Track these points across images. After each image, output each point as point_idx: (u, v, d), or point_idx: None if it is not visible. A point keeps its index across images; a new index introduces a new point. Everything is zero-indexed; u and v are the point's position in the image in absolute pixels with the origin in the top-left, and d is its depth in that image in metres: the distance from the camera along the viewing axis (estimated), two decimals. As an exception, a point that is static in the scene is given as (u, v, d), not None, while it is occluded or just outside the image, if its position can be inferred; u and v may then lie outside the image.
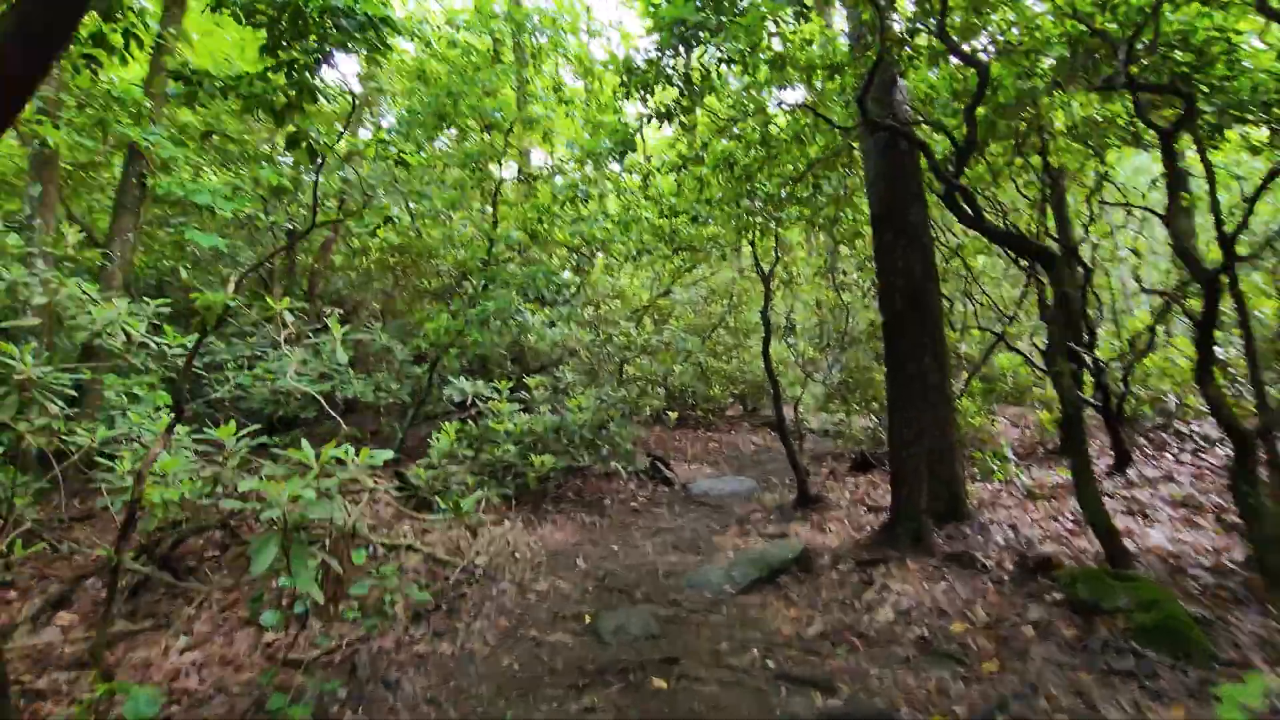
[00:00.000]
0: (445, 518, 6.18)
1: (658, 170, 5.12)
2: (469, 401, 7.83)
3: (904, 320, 5.55)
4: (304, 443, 3.36)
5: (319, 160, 4.32)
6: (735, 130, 5.33)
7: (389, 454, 3.62)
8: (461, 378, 8.03)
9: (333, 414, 10.07)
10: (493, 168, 7.18)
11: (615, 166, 6.69)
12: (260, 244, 10.36)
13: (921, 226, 5.67)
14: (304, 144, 3.99)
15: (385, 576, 4.32)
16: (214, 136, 8.59)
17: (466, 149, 6.06)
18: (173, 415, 3.98)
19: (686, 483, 8.86)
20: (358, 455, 3.49)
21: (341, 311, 11.54)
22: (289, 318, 4.87)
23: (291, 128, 4.16)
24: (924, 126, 5.63)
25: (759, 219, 6.11)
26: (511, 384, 8.25)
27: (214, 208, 7.42)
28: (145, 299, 7.07)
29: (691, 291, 11.63)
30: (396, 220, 5.17)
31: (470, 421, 7.51)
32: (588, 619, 4.28)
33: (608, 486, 8.09)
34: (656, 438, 11.23)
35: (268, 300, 4.95)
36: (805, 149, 5.75)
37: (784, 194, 5.81)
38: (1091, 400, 7.59)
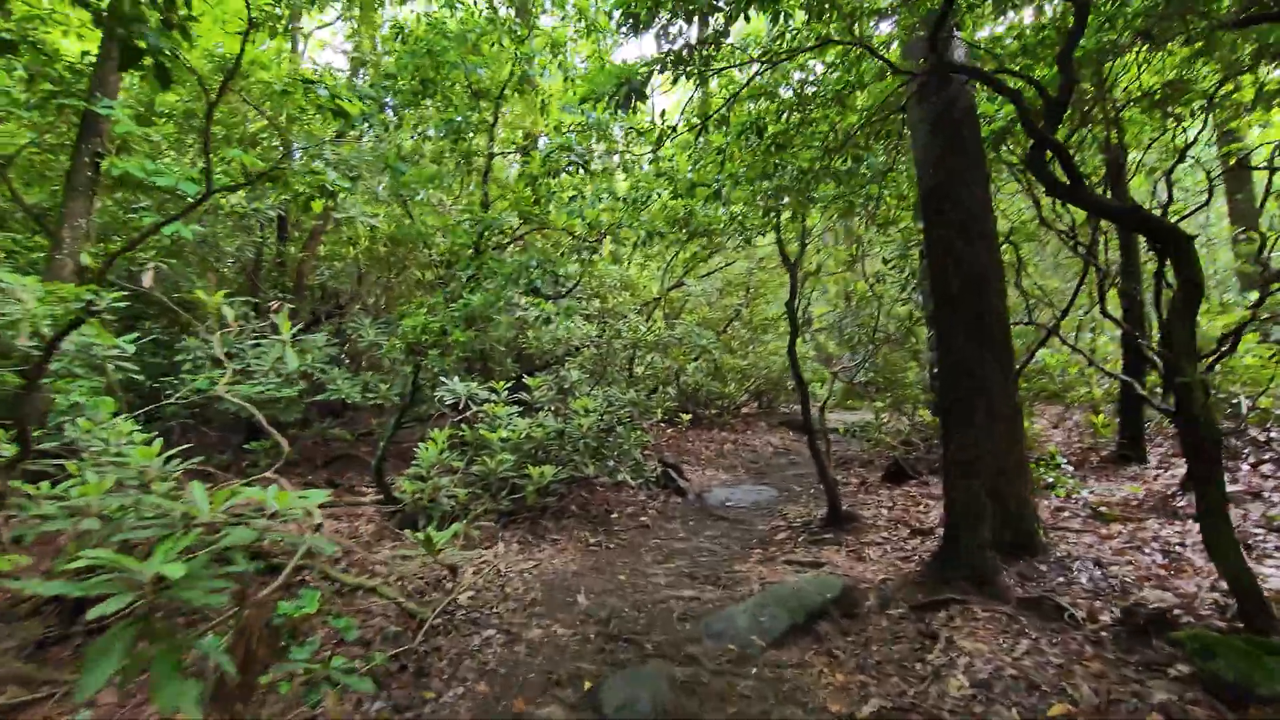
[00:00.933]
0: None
1: (672, 130, 4.23)
2: (462, 404, 7.00)
3: (960, 315, 4.65)
4: (196, 487, 2.51)
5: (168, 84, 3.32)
6: (761, 80, 4.40)
7: (322, 495, 2.77)
8: (455, 378, 7.19)
9: (320, 417, 9.18)
10: (482, 141, 6.31)
11: (619, 144, 5.77)
12: (248, 233, 9.55)
13: (983, 207, 4.76)
14: (147, 61, 2.70)
15: (340, 629, 3.50)
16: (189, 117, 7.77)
17: (448, 115, 5.21)
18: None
19: (701, 492, 8.00)
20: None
21: (333, 307, 10.75)
22: (229, 312, 4.02)
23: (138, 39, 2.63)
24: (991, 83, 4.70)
25: (789, 198, 5.22)
26: (510, 384, 7.42)
27: (182, 191, 6.60)
28: (97, 291, 6.29)
29: (705, 284, 10.74)
30: (336, 191, 4.31)
31: (466, 426, 6.68)
32: (587, 684, 3.44)
33: (615, 498, 7.25)
34: (668, 440, 10.37)
35: (207, 295, 4.11)
36: (845, 112, 4.84)
37: (819, 168, 4.92)
38: (1159, 404, 6.66)
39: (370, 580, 4.40)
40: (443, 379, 7.15)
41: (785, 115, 4.62)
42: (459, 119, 5.22)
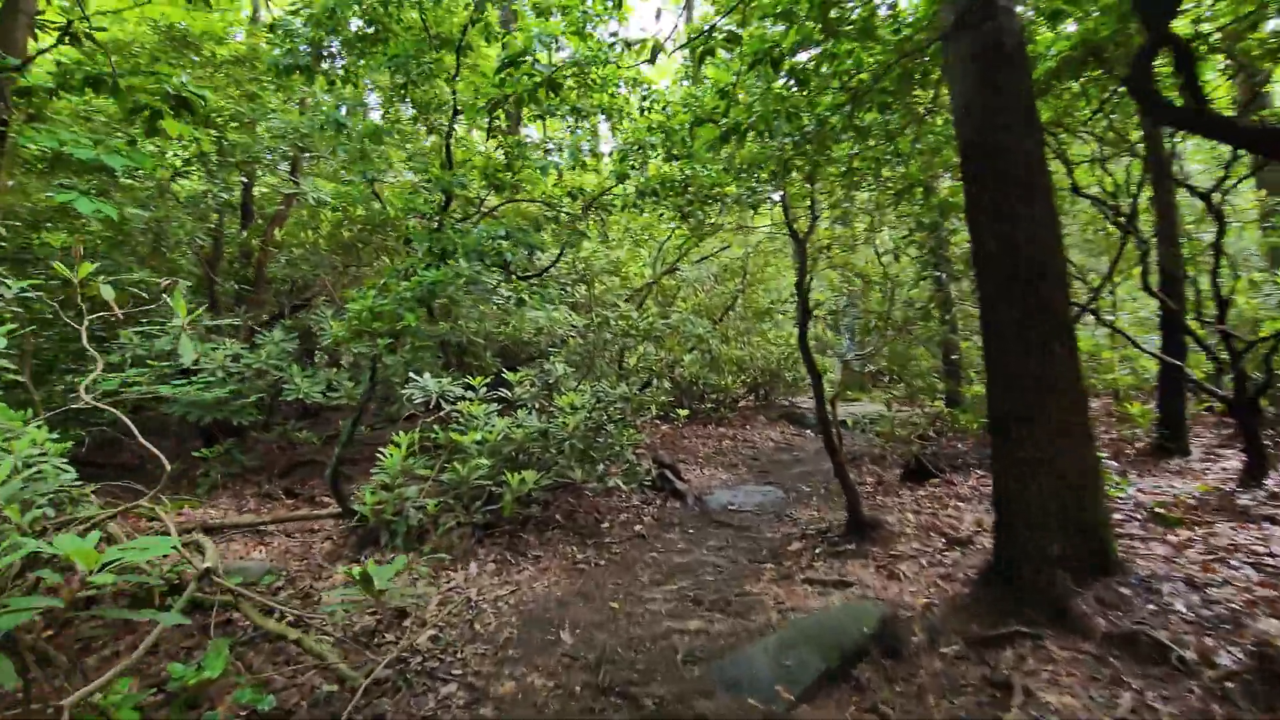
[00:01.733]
0: (395, 561, 4.55)
1: (662, 50, 3.38)
2: (433, 403, 6.16)
3: (1015, 294, 3.85)
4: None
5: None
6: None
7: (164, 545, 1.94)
8: (427, 374, 6.36)
9: (285, 419, 8.35)
10: (443, 90, 5.44)
11: (600, 52, 4.83)
12: (203, 219, 8.64)
13: (1037, 165, 3.95)
14: None
15: (250, 702, 2.68)
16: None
17: (392, 49, 4.35)
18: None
19: (701, 494, 7.20)
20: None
21: (299, 299, 9.85)
22: (108, 293, 3.17)
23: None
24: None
25: (805, 155, 4.40)
26: (489, 380, 6.59)
27: (109, 166, 5.73)
28: (4, 280, 5.42)
29: (700, 269, 9.92)
30: (190, 101, 3.50)
31: (438, 427, 5.85)
32: (570, 765, 2.63)
33: (605, 505, 6.43)
34: (663, 437, 9.57)
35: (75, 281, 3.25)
36: (873, 48, 4.01)
37: (843, 117, 4.10)
38: (1214, 388, 5.91)
39: (306, 619, 3.55)
40: (413, 375, 6.30)
41: (803, 43, 3.78)
42: (408, 54, 4.34)
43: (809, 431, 11.81)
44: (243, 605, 3.41)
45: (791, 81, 3.85)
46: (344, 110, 4.97)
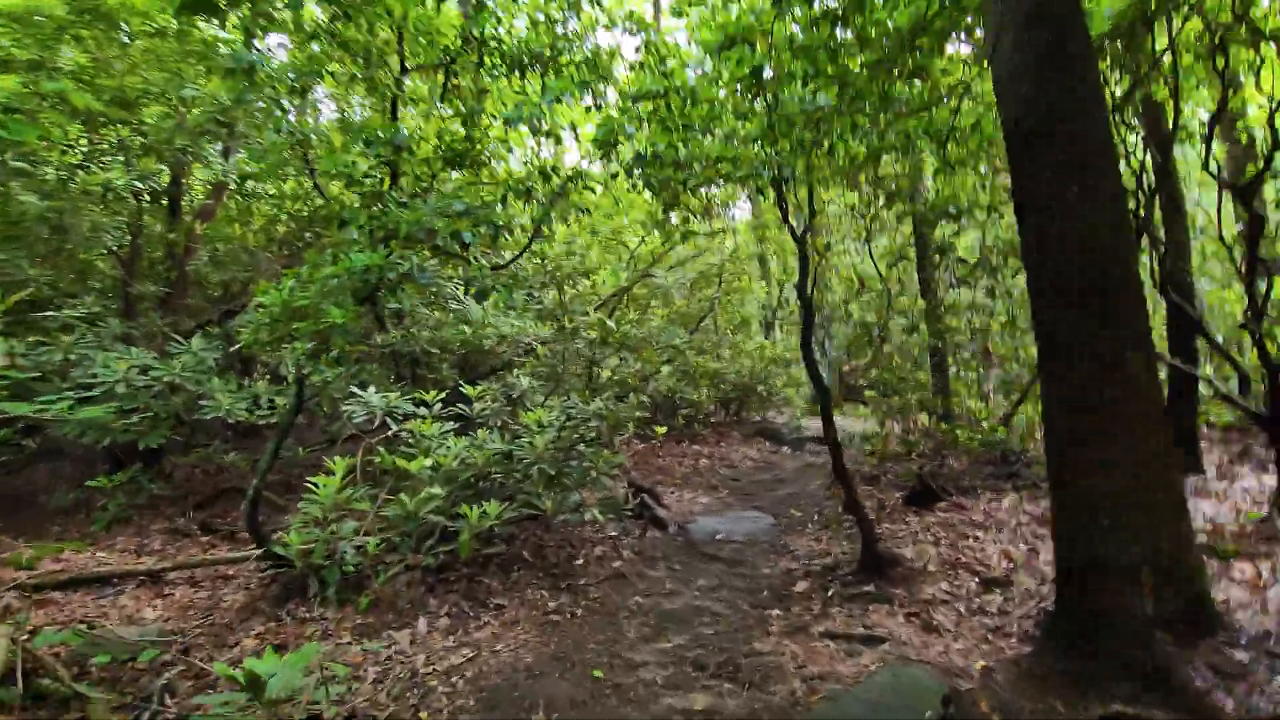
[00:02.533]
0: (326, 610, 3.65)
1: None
2: (378, 421, 5.23)
3: (1079, 298, 3.18)
4: None
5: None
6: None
7: None
8: (373, 389, 5.42)
9: (209, 439, 7.52)
10: (385, 37, 4.58)
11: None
12: (111, 210, 7.50)
13: (1102, 142, 3.31)
14: None
15: None
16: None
17: None
18: None
19: (684, 522, 6.39)
20: None
21: (232, 304, 8.74)
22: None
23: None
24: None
25: (823, 131, 3.68)
26: (445, 394, 5.69)
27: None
28: None
29: (675, 276, 9.17)
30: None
31: (383, 450, 4.91)
32: None
33: (579, 537, 5.56)
34: (635, 456, 8.74)
35: None
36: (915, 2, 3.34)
37: (881, 80, 3.40)
38: (1239, 401, 5.39)
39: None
40: (355, 390, 5.35)
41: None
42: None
43: (786, 448, 11.14)
44: (91, 710, 2.45)
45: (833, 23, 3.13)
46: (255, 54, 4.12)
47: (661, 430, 6.88)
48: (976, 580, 4.14)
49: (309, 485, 4.49)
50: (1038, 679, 2.95)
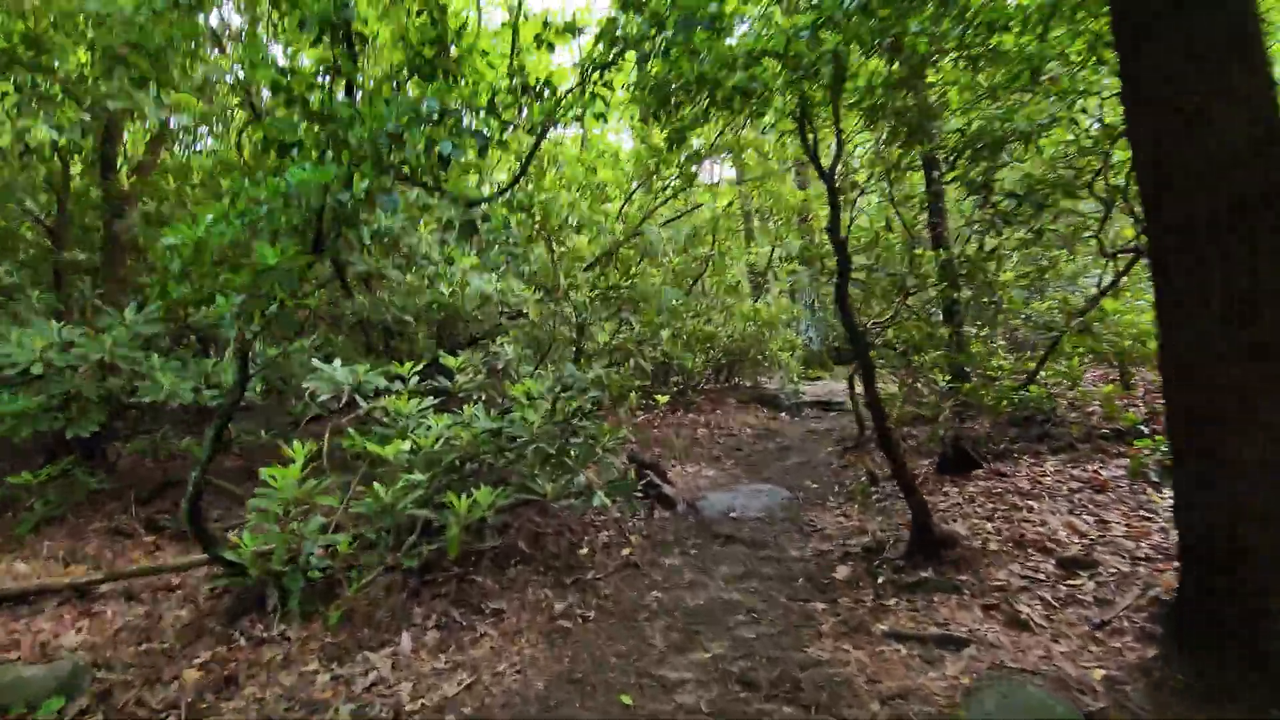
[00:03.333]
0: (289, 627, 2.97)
1: None
2: (345, 398, 4.46)
3: (1224, 237, 2.50)
4: None
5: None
6: None
7: None
8: (338, 361, 4.64)
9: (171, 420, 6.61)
10: None
11: None
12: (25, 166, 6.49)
13: (1250, 16, 2.60)
14: None
15: None
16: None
17: None
18: None
19: (694, 500, 5.74)
20: None
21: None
22: None
23: None
24: None
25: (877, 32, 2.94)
26: (424, 367, 4.92)
27: None
28: None
29: (670, 231, 8.39)
30: None
31: (353, 432, 4.15)
32: None
33: (580, 521, 4.88)
34: (632, 428, 8.06)
35: None
36: None
37: None
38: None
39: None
40: (319, 364, 4.56)
41: None
42: None
43: (784, 414, 10.55)
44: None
45: None
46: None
47: (663, 399, 6.19)
48: (1052, 562, 3.54)
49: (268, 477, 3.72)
50: (1178, 693, 2.35)
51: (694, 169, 5.96)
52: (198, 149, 6.41)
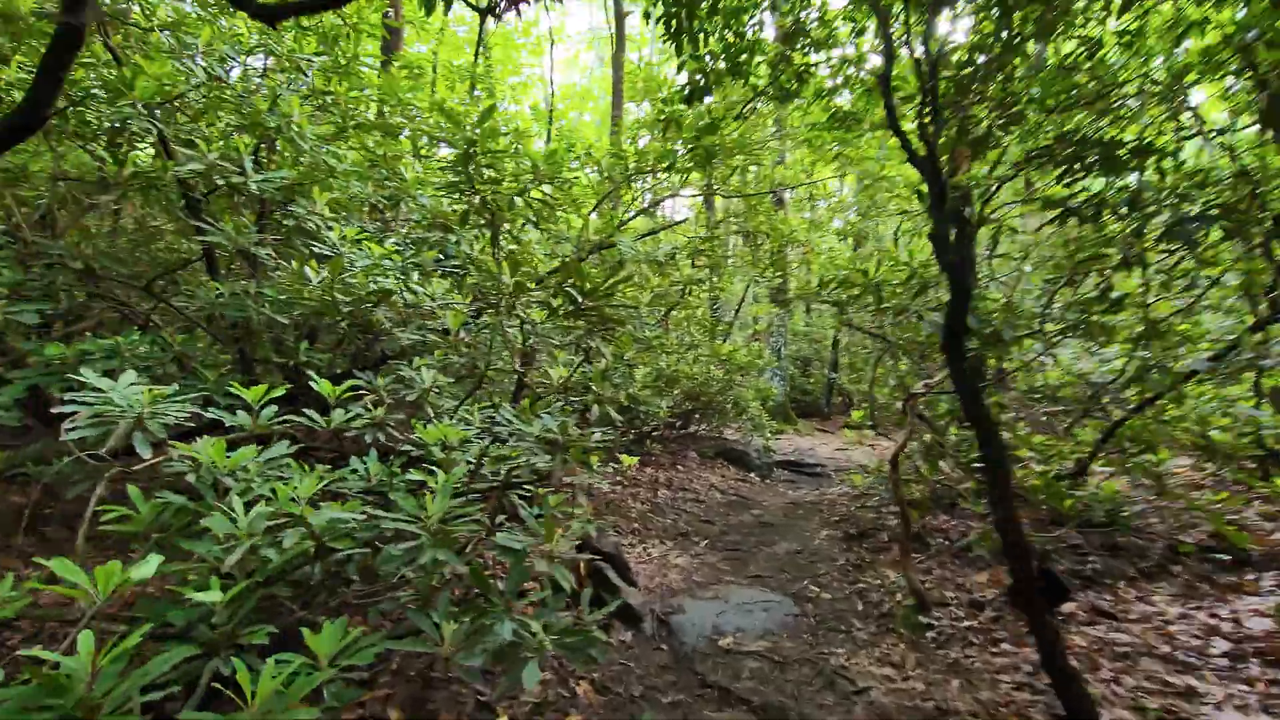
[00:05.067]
0: None
1: None
2: (122, 438, 2.54)
3: None
4: None
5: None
6: None
7: None
8: (130, 372, 2.72)
9: None
10: None
11: None
12: None
13: None
14: None
15: None
16: None
17: None
18: None
19: (665, 612, 3.98)
20: None
21: None
22: None
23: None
24: None
25: None
26: (282, 391, 3.06)
27: None
28: None
29: (642, 246, 6.72)
30: None
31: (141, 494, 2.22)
32: None
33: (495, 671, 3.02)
34: (588, 508, 6.23)
35: None
36: None
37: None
38: None
39: None
40: (85, 375, 2.61)
41: None
42: None
43: (754, 475, 8.92)
44: None
45: None
46: None
47: (631, 460, 4.44)
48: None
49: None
50: None
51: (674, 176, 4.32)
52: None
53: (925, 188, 2.78)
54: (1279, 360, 4.23)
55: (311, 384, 3.39)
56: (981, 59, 3.14)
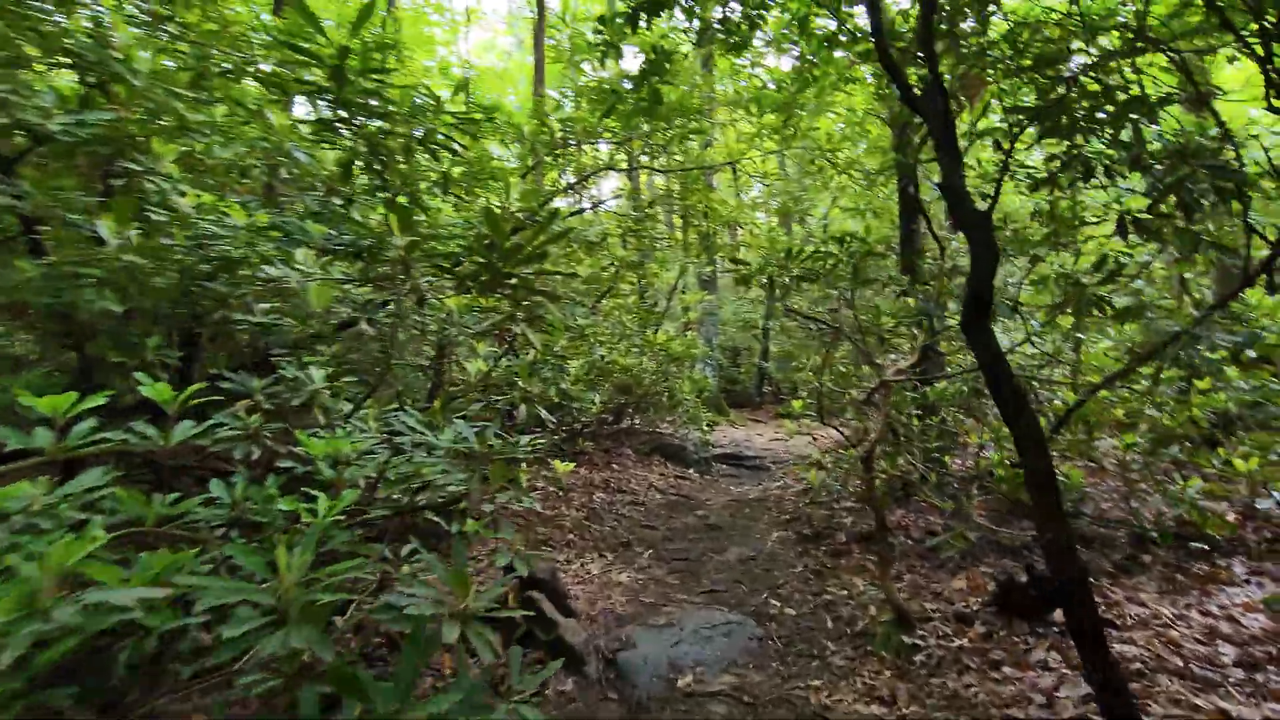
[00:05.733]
0: None
1: None
2: None
3: None
4: None
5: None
6: None
7: None
8: None
9: None
10: None
11: None
12: None
13: None
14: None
15: None
16: None
17: None
18: None
19: (611, 646, 3.34)
20: None
21: None
22: None
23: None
24: None
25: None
26: (104, 399, 2.18)
27: None
28: None
29: (575, 223, 6.01)
30: None
31: None
32: None
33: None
34: (514, 525, 5.50)
35: None
36: None
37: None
38: None
39: None
40: None
41: None
42: None
43: (693, 471, 8.40)
44: None
45: None
46: None
47: (566, 467, 3.77)
48: None
49: None
50: None
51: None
52: None
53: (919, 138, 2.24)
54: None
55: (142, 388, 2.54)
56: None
